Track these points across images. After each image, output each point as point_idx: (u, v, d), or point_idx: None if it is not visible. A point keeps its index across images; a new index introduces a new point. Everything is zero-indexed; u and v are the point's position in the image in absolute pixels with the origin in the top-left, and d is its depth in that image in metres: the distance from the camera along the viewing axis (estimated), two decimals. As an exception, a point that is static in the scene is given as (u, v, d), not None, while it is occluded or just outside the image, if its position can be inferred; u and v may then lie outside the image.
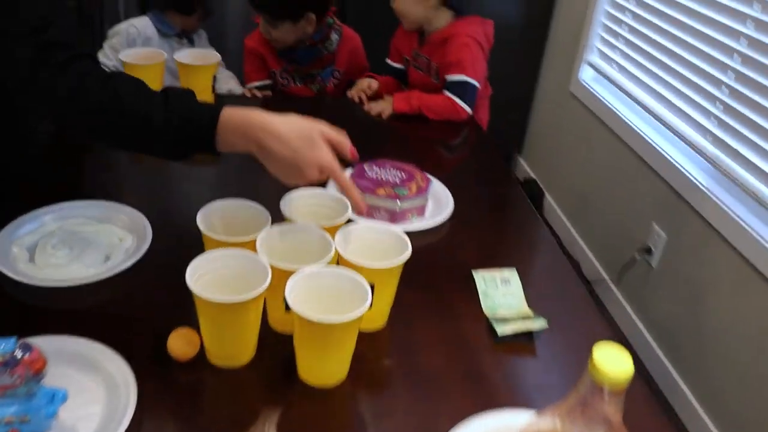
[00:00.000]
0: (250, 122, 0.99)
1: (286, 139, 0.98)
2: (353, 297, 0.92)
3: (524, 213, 1.44)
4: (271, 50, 2.07)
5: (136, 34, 1.95)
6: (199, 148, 1.03)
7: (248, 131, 0.99)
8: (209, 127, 1.00)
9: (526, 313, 1.11)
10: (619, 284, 2.52)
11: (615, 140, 2.55)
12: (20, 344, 0.81)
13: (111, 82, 1.02)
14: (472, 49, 1.88)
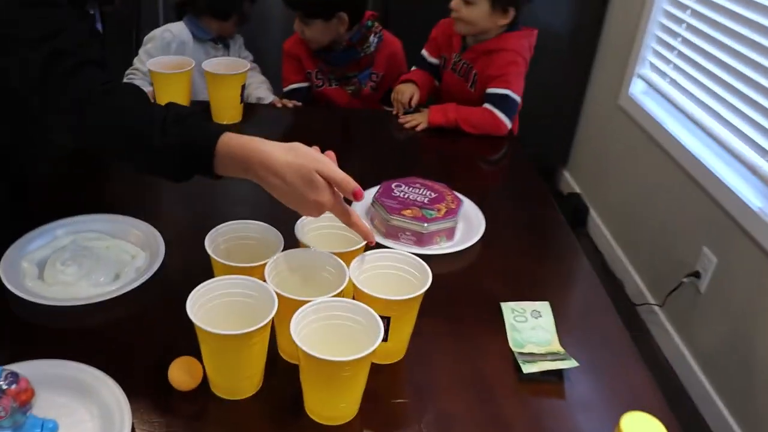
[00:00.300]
0: (248, 156, 0.94)
1: (286, 180, 0.92)
2: (366, 331, 0.86)
3: (563, 239, 1.35)
4: (307, 51, 2.04)
5: (171, 38, 1.91)
6: (197, 172, 0.98)
7: (247, 165, 0.94)
8: (207, 154, 0.95)
9: (557, 349, 1.02)
10: (664, 307, 2.39)
11: (664, 157, 2.43)
12: (6, 374, 0.77)
13: (113, 95, 0.99)
14: (519, 66, 1.82)
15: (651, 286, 2.52)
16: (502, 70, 1.79)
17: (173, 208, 1.37)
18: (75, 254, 1.13)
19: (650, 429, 0.54)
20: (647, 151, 2.56)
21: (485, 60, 1.83)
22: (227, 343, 0.84)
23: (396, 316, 0.92)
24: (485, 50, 1.83)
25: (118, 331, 1.02)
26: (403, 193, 1.29)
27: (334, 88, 2.08)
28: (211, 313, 0.89)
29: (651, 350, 2.37)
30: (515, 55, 1.81)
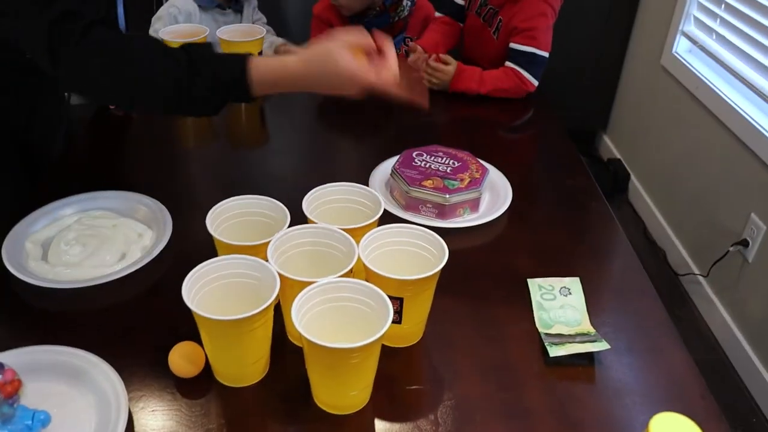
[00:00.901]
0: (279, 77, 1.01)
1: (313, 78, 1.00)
2: (376, 313, 0.79)
3: (596, 209, 1.25)
4: (339, 16, 1.96)
5: (177, 12, 1.86)
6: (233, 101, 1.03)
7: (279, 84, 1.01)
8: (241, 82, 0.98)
9: (587, 330, 0.94)
10: (709, 278, 2.28)
11: (710, 119, 2.30)
12: (-8, 365, 0.72)
13: (131, 50, 0.98)
14: (548, 19, 1.68)
15: (695, 256, 2.41)
16: (529, 23, 1.66)
17: (182, 182, 1.31)
18: (80, 234, 1.09)
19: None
20: (692, 113, 2.43)
21: (512, 7, 1.70)
22: (227, 328, 0.78)
23: (410, 297, 0.85)
24: (501, 4, 1.71)
25: (121, 314, 0.97)
26: (424, 163, 1.21)
27: None
28: (211, 296, 0.83)
29: (695, 323, 2.27)
30: (545, 6, 1.68)
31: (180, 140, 1.49)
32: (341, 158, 1.40)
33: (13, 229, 1.09)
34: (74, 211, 1.15)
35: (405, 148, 1.26)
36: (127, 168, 1.36)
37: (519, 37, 1.67)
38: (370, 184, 1.23)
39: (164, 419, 0.81)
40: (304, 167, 1.23)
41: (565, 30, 2.84)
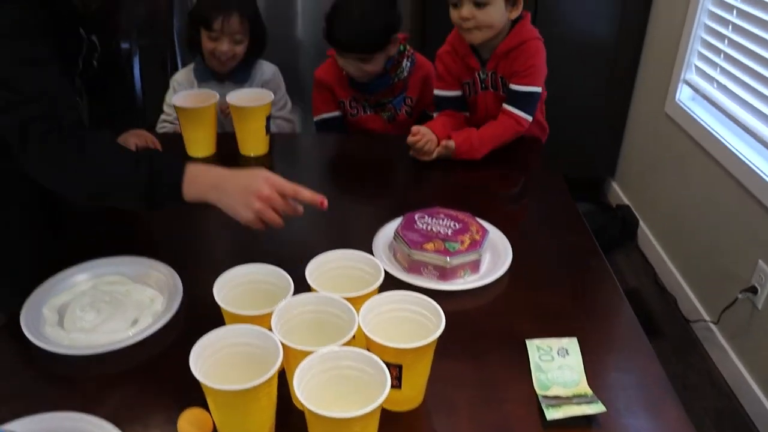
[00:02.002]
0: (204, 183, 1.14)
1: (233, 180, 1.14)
2: (374, 381, 0.82)
3: (595, 268, 1.28)
4: (339, 80, 2.00)
5: (177, 86, 1.93)
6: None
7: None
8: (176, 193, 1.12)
9: (584, 392, 0.97)
10: (719, 324, 2.28)
11: (715, 166, 2.32)
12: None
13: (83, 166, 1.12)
14: (541, 52, 1.71)
15: (705, 302, 2.41)
16: (528, 62, 1.68)
17: (192, 246, 1.35)
18: (94, 300, 1.13)
19: None
20: (697, 160, 2.46)
21: (507, 61, 1.71)
22: (232, 397, 0.82)
23: (409, 363, 0.88)
24: (505, 51, 1.70)
25: (132, 380, 1.01)
26: (426, 225, 1.25)
27: (369, 115, 2.04)
28: (218, 365, 0.87)
29: (707, 370, 2.26)
30: (536, 42, 1.70)
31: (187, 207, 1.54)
32: (345, 221, 1.44)
33: (30, 296, 1.14)
34: (89, 276, 1.20)
35: (407, 210, 1.30)
36: (139, 232, 1.41)
37: (519, 77, 1.69)
38: (374, 247, 1.26)
39: (172, 486, 0.83)
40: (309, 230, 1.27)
41: (572, 78, 2.92)
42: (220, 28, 1.78)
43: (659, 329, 2.44)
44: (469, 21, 1.62)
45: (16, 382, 1.01)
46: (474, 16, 1.61)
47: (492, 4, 1.61)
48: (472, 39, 1.68)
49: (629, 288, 2.64)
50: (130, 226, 1.43)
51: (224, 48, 1.81)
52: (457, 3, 1.63)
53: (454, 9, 1.65)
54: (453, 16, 1.66)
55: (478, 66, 1.75)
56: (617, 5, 2.82)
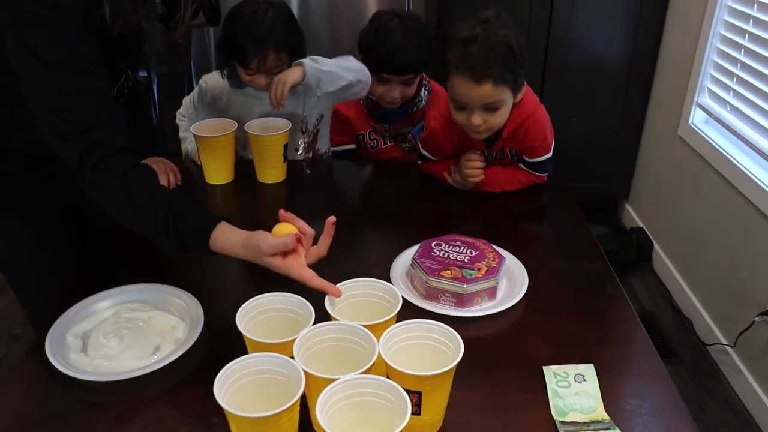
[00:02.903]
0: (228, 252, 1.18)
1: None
2: (395, 408, 0.83)
3: (611, 293, 1.29)
4: (358, 111, 2.01)
5: (205, 86, 1.87)
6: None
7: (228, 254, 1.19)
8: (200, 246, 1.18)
9: (601, 417, 0.97)
10: (736, 348, 2.27)
11: (729, 189, 2.33)
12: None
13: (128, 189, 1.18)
14: (547, 120, 1.64)
15: (721, 325, 2.41)
16: (539, 137, 1.60)
17: (214, 275, 1.38)
18: (117, 327, 1.15)
19: None
20: (711, 183, 2.47)
21: (515, 138, 1.62)
22: (255, 424, 0.83)
23: (428, 390, 0.90)
24: (512, 132, 1.59)
25: (155, 406, 1.02)
26: (443, 253, 1.27)
27: (390, 146, 2.04)
28: (240, 392, 0.89)
29: (724, 394, 2.25)
30: (539, 111, 1.62)
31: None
32: (363, 248, 1.46)
33: (54, 323, 1.16)
34: (112, 303, 1.22)
35: (424, 237, 1.32)
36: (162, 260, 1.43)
37: (536, 152, 1.63)
38: (392, 274, 1.28)
39: None
40: (328, 258, 1.29)
41: (586, 102, 2.95)
42: (256, 68, 1.71)
43: (675, 353, 2.44)
44: (480, 126, 1.51)
45: (41, 406, 1.03)
46: (486, 120, 1.50)
47: (504, 106, 1.50)
48: (479, 137, 1.59)
49: (644, 311, 2.63)
50: (153, 255, 1.45)
51: (262, 82, 1.74)
52: (464, 108, 1.51)
53: (459, 112, 1.53)
54: (458, 118, 1.54)
55: (483, 147, 1.65)
56: (630, 29, 2.84)
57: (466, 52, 1.45)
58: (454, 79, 1.49)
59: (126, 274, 1.30)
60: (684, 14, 2.71)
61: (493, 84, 1.45)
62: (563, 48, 2.83)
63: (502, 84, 1.46)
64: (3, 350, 2.46)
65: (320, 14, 2.73)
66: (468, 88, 1.47)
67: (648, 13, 2.81)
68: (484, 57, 1.43)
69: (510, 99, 1.51)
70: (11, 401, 1.05)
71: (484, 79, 1.44)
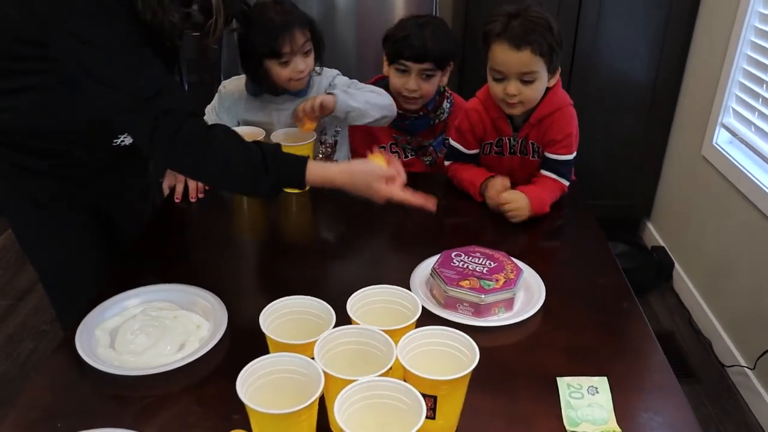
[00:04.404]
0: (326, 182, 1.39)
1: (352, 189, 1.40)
2: (410, 411, 0.86)
3: (627, 309, 1.30)
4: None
5: (224, 91, 1.90)
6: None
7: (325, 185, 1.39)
8: (297, 182, 1.35)
9: (613, 429, 0.99)
10: (756, 370, 2.27)
11: (753, 210, 2.33)
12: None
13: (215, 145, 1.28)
14: (575, 120, 1.70)
15: (741, 347, 2.40)
16: (564, 131, 1.67)
17: (237, 279, 1.41)
18: (144, 324, 1.19)
19: None
20: (734, 203, 2.47)
21: (540, 128, 1.69)
22: (276, 421, 0.86)
23: (443, 395, 0.92)
24: (539, 119, 1.67)
25: (178, 401, 1.06)
26: (462, 263, 1.29)
27: (411, 159, 2.07)
28: (262, 389, 0.92)
29: (743, 416, 2.24)
30: (569, 109, 1.68)
31: (236, 240, 1.61)
32: (384, 257, 1.49)
33: (84, 318, 1.20)
34: (139, 302, 1.26)
35: (444, 248, 1.35)
36: (188, 264, 1.47)
37: (556, 147, 1.67)
38: (411, 283, 1.31)
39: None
40: (349, 266, 1.33)
41: (610, 120, 2.96)
42: (289, 50, 1.70)
43: (694, 373, 2.43)
44: (515, 97, 1.60)
45: (70, 398, 1.07)
46: (520, 92, 1.59)
47: (539, 80, 1.59)
48: (513, 112, 1.67)
49: (663, 331, 2.63)
50: (178, 257, 1.50)
51: (300, 67, 1.73)
52: (501, 78, 1.61)
53: (497, 83, 1.62)
54: (495, 90, 1.63)
55: (510, 132, 1.72)
56: (655, 48, 2.86)
57: (509, 24, 1.57)
58: (495, 47, 1.59)
59: (149, 277, 1.33)
60: (710, 34, 2.72)
61: (531, 52, 1.55)
62: (588, 66, 2.85)
63: (539, 55, 1.56)
64: (30, 345, 2.52)
65: (346, 20, 2.77)
66: (507, 55, 1.57)
67: (674, 32, 2.83)
68: (525, 28, 1.55)
69: (544, 75, 1.61)
70: (42, 392, 1.09)
71: (524, 46, 1.55)
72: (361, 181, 1.39)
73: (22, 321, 2.66)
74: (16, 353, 2.50)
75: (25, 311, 2.71)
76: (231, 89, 1.88)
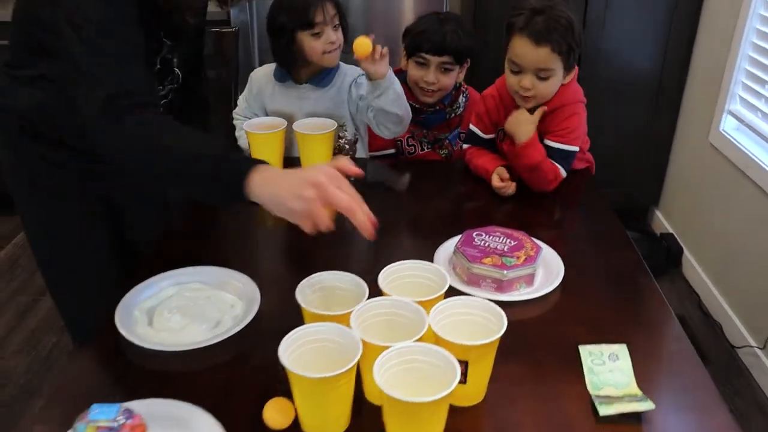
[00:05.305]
0: None
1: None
2: (445, 373, 0.91)
3: (643, 283, 1.36)
4: None
5: (251, 82, 1.96)
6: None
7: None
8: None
9: (634, 392, 1.04)
10: (766, 350, 2.31)
11: (760, 194, 2.38)
12: (123, 411, 0.87)
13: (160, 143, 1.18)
14: (581, 115, 1.74)
15: (751, 328, 2.44)
16: (565, 123, 1.70)
17: (269, 261, 1.47)
18: (179, 304, 1.24)
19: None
20: (741, 188, 2.51)
21: (547, 120, 1.72)
22: (316, 385, 0.91)
23: (474, 360, 0.97)
24: (548, 112, 1.71)
25: (218, 374, 1.11)
26: (483, 242, 1.34)
27: (427, 152, 2.11)
28: (302, 357, 0.97)
29: (753, 395, 2.29)
30: (575, 105, 1.72)
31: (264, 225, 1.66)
32: (408, 238, 1.54)
33: (122, 299, 1.25)
34: (173, 283, 1.31)
35: (466, 228, 1.40)
36: (218, 248, 1.53)
37: (554, 135, 1.70)
38: (435, 262, 1.36)
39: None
40: (373, 248, 1.37)
41: (617, 109, 3.00)
42: (322, 19, 1.74)
43: (705, 355, 2.48)
44: (529, 91, 1.65)
45: (113, 375, 1.13)
46: (534, 86, 1.64)
47: (555, 76, 1.64)
48: (525, 106, 1.70)
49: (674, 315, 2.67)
50: (209, 238, 1.56)
51: (332, 38, 1.77)
52: (518, 71, 1.65)
53: (513, 75, 1.67)
54: (511, 82, 1.68)
55: None
56: (662, 37, 2.91)
57: (532, 19, 1.61)
58: (516, 40, 1.64)
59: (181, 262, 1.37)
60: (715, 22, 2.76)
61: (550, 50, 1.60)
62: (595, 57, 2.90)
63: (557, 54, 1.61)
64: (53, 339, 2.58)
65: (356, 16, 2.82)
66: (527, 49, 1.61)
67: (679, 22, 2.88)
68: (548, 25, 1.59)
69: (560, 72, 1.65)
70: (86, 371, 1.15)
71: (543, 43, 1.59)
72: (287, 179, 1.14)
73: (45, 316, 2.72)
74: (40, 346, 2.56)
75: (47, 306, 2.76)
76: (259, 75, 1.95)
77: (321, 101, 1.88)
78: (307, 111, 1.85)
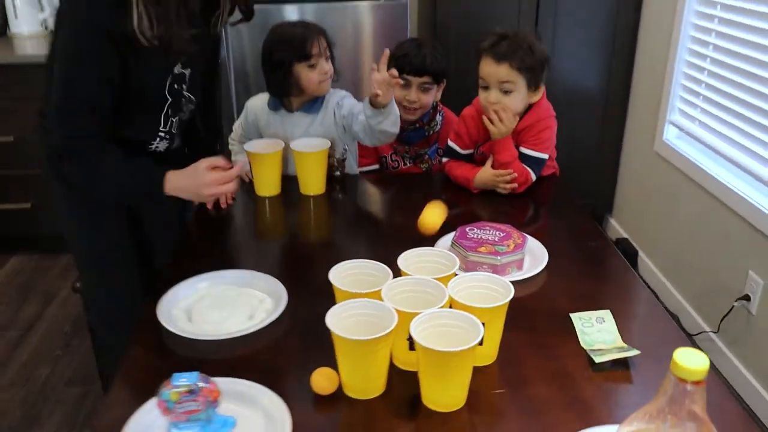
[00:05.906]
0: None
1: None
2: (468, 333, 1.08)
3: (615, 263, 1.57)
4: None
5: (249, 110, 2.12)
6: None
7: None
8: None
9: (621, 345, 1.23)
10: (719, 333, 2.55)
11: (704, 195, 2.63)
12: (201, 377, 1.01)
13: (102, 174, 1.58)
14: (553, 128, 1.98)
15: (705, 315, 2.68)
16: (537, 136, 1.92)
17: (289, 262, 1.62)
18: (214, 301, 1.38)
19: (695, 354, 0.76)
20: (687, 191, 2.77)
21: (519, 135, 1.93)
22: (359, 347, 1.07)
23: (488, 321, 1.14)
24: (520, 130, 1.93)
25: (263, 356, 1.25)
26: (476, 235, 1.53)
27: (410, 167, 2.31)
28: (343, 328, 1.12)
29: (712, 376, 2.50)
30: (547, 120, 1.95)
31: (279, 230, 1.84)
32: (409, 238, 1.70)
33: (161, 299, 1.38)
34: (207, 284, 1.45)
35: (458, 225, 1.58)
36: (239, 254, 1.68)
37: (528, 144, 1.92)
38: (434, 254, 1.54)
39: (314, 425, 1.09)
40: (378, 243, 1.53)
41: (568, 125, 3.21)
42: (318, 51, 1.93)
43: (665, 345, 2.69)
44: (495, 105, 1.87)
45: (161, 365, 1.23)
46: (500, 100, 1.87)
47: (516, 91, 1.87)
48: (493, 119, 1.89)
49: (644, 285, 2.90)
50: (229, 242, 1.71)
51: (326, 68, 1.96)
52: (486, 87, 1.90)
53: (482, 91, 1.91)
54: (482, 98, 1.92)
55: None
56: (606, 57, 3.18)
57: (498, 42, 1.87)
58: (483, 60, 1.89)
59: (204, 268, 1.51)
60: (653, 42, 3.05)
61: (509, 66, 1.84)
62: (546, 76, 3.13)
63: (517, 70, 1.85)
64: (45, 371, 2.61)
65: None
66: (490, 67, 1.87)
67: (621, 43, 3.16)
68: (510, 47, 1.85)
69: (523, 88, 1.88)
70: (136, 362, 1.27)
71: (503, 60, 1.85)
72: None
73: (35, 349, 2.75)
74: (33, 378, 2.60)
75: (36, 339, 2.80)
76: (255, 104, 2.12)
77: (312, 126, 2.05)
78: (299, 134, 2.02)
